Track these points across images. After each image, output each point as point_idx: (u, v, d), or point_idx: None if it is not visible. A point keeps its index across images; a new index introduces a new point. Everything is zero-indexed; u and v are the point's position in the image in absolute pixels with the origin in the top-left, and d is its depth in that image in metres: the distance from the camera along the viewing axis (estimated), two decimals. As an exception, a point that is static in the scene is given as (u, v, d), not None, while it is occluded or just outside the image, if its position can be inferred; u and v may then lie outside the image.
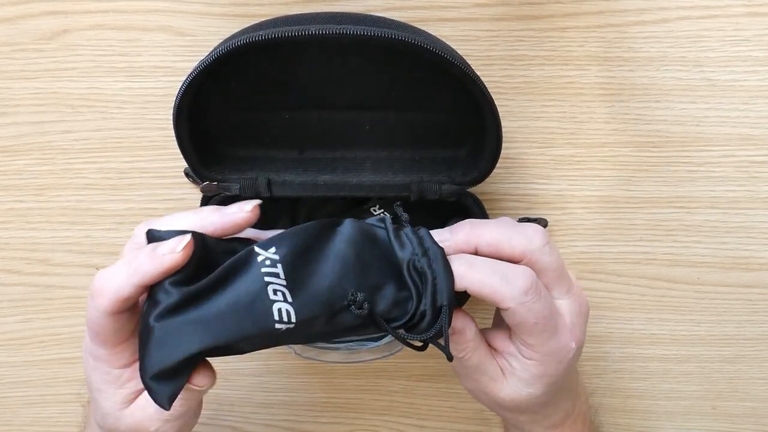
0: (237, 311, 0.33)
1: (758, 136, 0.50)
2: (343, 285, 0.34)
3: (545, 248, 0.36)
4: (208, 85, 0.41)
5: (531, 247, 0.36)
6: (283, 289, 0.33)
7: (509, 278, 0.35)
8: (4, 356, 0.58)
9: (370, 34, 0.37)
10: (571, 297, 0.38)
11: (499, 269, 0.35)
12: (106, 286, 0.34)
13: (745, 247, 0.52)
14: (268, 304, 0.33)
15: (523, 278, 0.35)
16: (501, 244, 0.36)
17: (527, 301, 0.35)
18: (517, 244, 0.36)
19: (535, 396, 0.39)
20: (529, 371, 0.38)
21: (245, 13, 0.48)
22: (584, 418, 0.44)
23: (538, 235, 0.37)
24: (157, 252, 0.34)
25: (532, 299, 0.35)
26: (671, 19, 0.47)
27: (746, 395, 0.57)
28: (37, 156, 0.52)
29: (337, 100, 0.45)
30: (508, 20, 0.48)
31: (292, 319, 0.33)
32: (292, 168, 0.47)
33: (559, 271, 0.37)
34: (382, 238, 0.37)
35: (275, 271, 0.34)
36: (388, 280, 0.35)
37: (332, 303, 0.34)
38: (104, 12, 0.48)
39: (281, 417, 0.60)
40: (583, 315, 0.39)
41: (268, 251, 0.34)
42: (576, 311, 0.38)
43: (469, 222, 0.38)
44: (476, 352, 0.38)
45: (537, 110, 0.50)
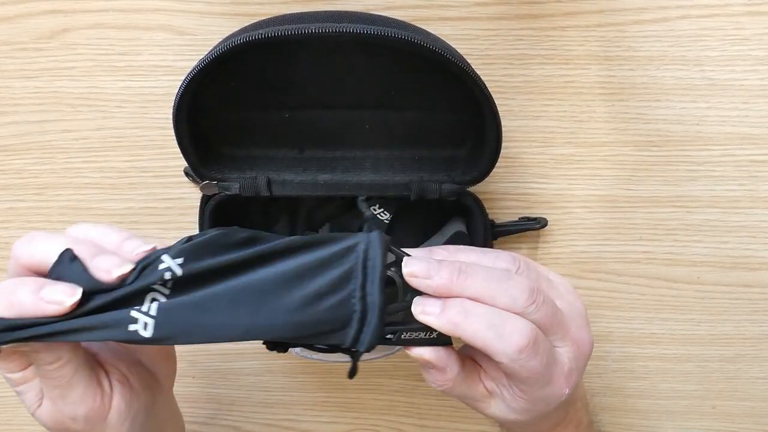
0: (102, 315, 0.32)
1: (758, 136, 0.50)
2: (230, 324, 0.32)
3: (530, 308, 0.34)
4: (207, 84, 0.41)
5: (515, 308, 0.34)
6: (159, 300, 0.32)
7: (505, 335, 0.33)
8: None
9: (370, 33, 0.37)
10: (568, 342, 0.37)
11: (496, 323, 0.34)
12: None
13: (745, 247, 0.52)
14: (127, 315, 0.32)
15: (519, 336, 0.33)
16: (485, 301, 0.34)
17: (520, 359, 0.34)
18: (501, 304, 0.34)
19: (521, 421, 0.38)
20: (517, 404, 0.37)
21: (245, 12, 0.48)
22: (577, 423, 0.44)
23: (524, 295, 0.34)
24: (41, 296, 0.31)
25: (527, 357, 0.34)
26: (671, 18, 0.47)
27: (746, 395, 0.57)
28: (36, 155, 0.52)
29: (336, 99, 0.45)
30: (508, 19, 0.48)
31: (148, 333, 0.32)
32: (292, 167, 0.47)
33: (550, 324, 0.35)
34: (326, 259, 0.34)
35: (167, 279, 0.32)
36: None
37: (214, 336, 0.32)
38: (104, 11, 0.48)
39: (281, 416, 0.60)
40: (583, 357, 0.38)
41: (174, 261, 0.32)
42: (574, 356, 0.37)
43: (458, 267, 0.35)
44: (459, 386, 0.37)
45: (537, 109, 0.50)
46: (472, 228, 0.48)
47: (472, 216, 0.48)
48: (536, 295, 0.34)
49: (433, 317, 0.34)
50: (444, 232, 0.50)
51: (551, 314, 0.35)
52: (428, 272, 0.35)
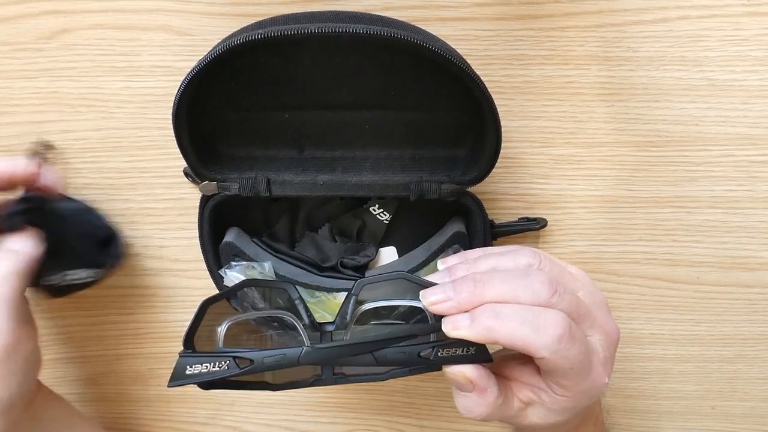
0: None
1: (758, 136, 0.50)
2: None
3: (554, 299, 0.34)
4: (207, 84, 0.41)
5: (539, 299, 0.34)
6: None
7: (540, 327, 0.33)
8: (4, 356, 0.58)
9: (369, 33, 0.37)
10: (598, 330, 0.36)
11: (529, 318, 0.33)
12: None
13: (745, 247, 0.52)
14: None
15: (554, 326, 0.33)
16: (508, 302, 0.34)
17: (561, 349, 0.33)
18: (525, 300, 0.34)
19: (561, 422, 0.38)
20: (559, 405, 0.37)
21: (244, 12, 0.48)
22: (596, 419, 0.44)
23: (545, 287, 0.34)
24: None
25: (567, 346, 0.33)
26: (671, 19, 0.47)
27: (746, 395, 0.57)
28: (36, 155, 0.52)
29: (336, 100, 0.45)
30: (508, 20, 0.48)
31: None
32: (292, 167, 0.47)
33: (576, 313, 0.35)
34: None
35: None
36: None
37: None
38: (104, 11, 0.48)
39: (281, 417, 0.60)
40: (613, 344, 0.38)
41: None
42: (606, 344, 0.37)
43: (472, 279, 0.35)
44: (496, 410, 0.37)
45: (536, 110, 0.50)
46: (472, 228, 0.48)
47: (472, 216, 0.48)
48: (557, 286, 0.34)
49: (464, 330, 0.34)
50: (444, 232, 0.50)
51: (575, 304, 0.35)
52: (446, 295, 0.35)
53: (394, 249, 0.53)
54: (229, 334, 0.36)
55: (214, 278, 0.49)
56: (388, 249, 0.53)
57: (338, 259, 0.51)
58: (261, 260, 0.48)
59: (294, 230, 0.52)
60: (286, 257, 0.50)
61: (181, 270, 0.55)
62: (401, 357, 0.36)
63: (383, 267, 0.52)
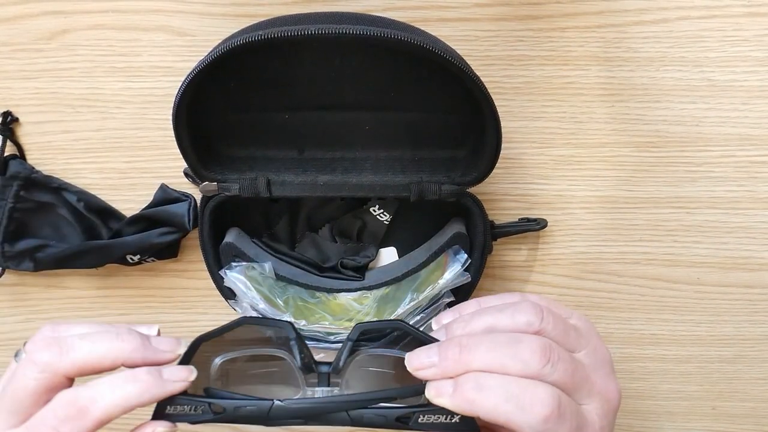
0: None
1: (758, 136, 0.50)
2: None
3: (546, 369, 0.32)
4: (207, 85, 0.41)
5: (529, 372, 0.31)
6: None
7: (526, 406, 0.31)
8: (4, 356, 0.58)
9: (369, 34, 0.37)
10: (595, 398, 0.34)
11: (515, 393, 0.31)
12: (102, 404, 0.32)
13: (745, 247, 0.52)
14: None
15: (542, 405, 0.31)
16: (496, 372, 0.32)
17: (548, 429, 0.31)
18: (514, 371, 0.32)
19: None
20: None
21: (245, 13, 0.48)
22: None
23: (537, 356, 0.31)
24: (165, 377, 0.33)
25: (554, 425, 0.31)
26: (671, 20, 0.47)
27: (746, 395, 0.57)
28: (37, 156, 0.52)
29: (336, 100, 0.45)
30: (508, 20, 0.48)
31: None
32: (292, 168, 0.47)
33: (572, 382, 0.32)
34: None
35: None
36: None
37: None
38: (104, 12, 0.48)
39: (281, 417, 0.60)
40: (613, 411, 0.35)
41: None
42: (604, 412, 0.34)
43: (458, 344, 0.33)
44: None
45: (537, 110, 0.50)
46: (472, 229, 0.48)
47: (472, 217, 0.48)
48: (550, 353, 0.32)
49: (446, 398, 0.32)
50: (444, 233, 0.50)
51: (571, 371, 0.32)
52: (430, 361, 0.33)
53: (394, 249, 0.53)
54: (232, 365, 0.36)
55: (214, 278, 0.49)
56: (388, 249, 0.53)
57: (338, 259, 0.51)
58: (261, 261, 0.48)
59: (294, 231, 0.52)
60: (287, 258, 0.50)
61: (181, 270, 0.55)
62: (378, 420, 0.33)
63: (383, 268, 0.52)
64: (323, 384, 0.35)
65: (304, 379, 0.35)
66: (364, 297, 0.50)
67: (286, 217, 0.51)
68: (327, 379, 0.35)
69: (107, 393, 0.32)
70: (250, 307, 0.48)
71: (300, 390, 0.35)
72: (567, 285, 0.54)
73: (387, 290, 0.50)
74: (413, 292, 0.49)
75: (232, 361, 0.36)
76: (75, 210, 0.52)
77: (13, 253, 0.52)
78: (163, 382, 0.32)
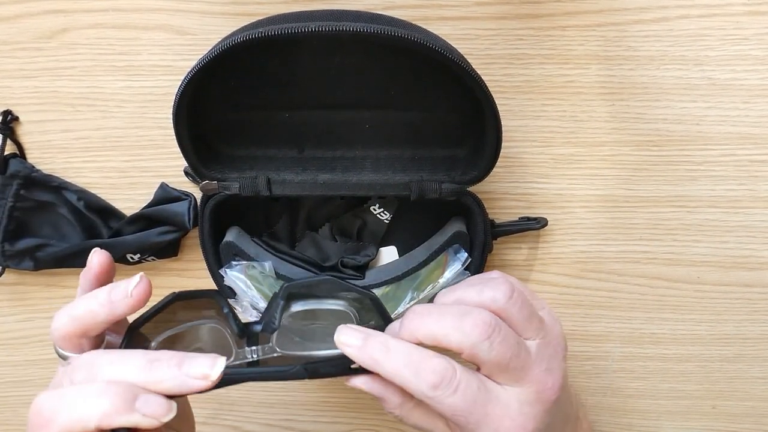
0: None
1: (758, 135, 0.50)
2: None
3: (483, 344, 0.33)
4: (207, 83, 0.41)
5: (466, 342, 0.33)
6: None
7: (420, 372, 0.33)
8: (4, 356, 0.58)
9: (369, 31, 0.37)
10: (525, 384, 0.35)
11: (414, 360, 0.33)
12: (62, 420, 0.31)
13: (745, 247, 0.52)
14: None
15: (433, 373, 0.33)
16: (438, 340, 0.34)
17: (437, 396, 0.33)
18: (454, 341, 0.34)
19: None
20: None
21: (245, 11, 0.48)
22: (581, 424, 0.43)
23: (477, 329, 0.33)
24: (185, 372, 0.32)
25: (443, 394, 0.33)
26: (671, 18, 0.47)
27: (746, 395, 0.57)
28: (36, 155, 0.52)
29: (336, 99, 0.45)
30: (509, 19, 0.48)
31: None
32: (292, 167, 0.47)
33: (503, 365, 0.34)
34: None
35: None
36: None
37: None
38: (104, 11, 0.48)
39: (281, 416, 0.60)
40: (543, 402, 0.35)
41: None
42: (528, 399, 0.35)
43: (416, 312, 0.35)
44: (411, 416, 0.37)
45: (537, 109, 0.50)
46: (472, 228, 0.48)
47: (472, 216, 0.48)
48: (492, 331, 0.34)
49: (354, 349, 0.34)
50: (444, 232, 0.50)
51: (509, 355, 0.34)
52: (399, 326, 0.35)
53: (394, 248, 0.53)
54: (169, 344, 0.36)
55: (214, 278, 0.49)
56: (388, 248, 0.53)
57: (339, 258, 0.51)
58: (261, 260, 0.48)
59: (294, 230, 0.52)
60: (287, 257, 0.50)
61: (181, 269, 0.55)
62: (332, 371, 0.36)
63: (384, 267, 0.52)
64: (255, 343, 0.36)
65: (238, 342, 0.36)
66: (365, 296, 0.50)
67: (286, 216, 0.51)
68: (257, 339, 0.37)
69: (71, 409, 0.31)
70: (251, 306, 0.48)
71: (232, 354, 0.36)
72: (567, 284, 0.54)
73: (387, 289, 0.50)
74: (413, 291, 0.49)
75: (168, 339, 0.36)
76: (75, 209, 0.52)
77: (13, 252, 0.52)
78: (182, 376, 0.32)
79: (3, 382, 0.59)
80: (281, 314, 0.36)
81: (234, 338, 0.36)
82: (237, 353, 0.36)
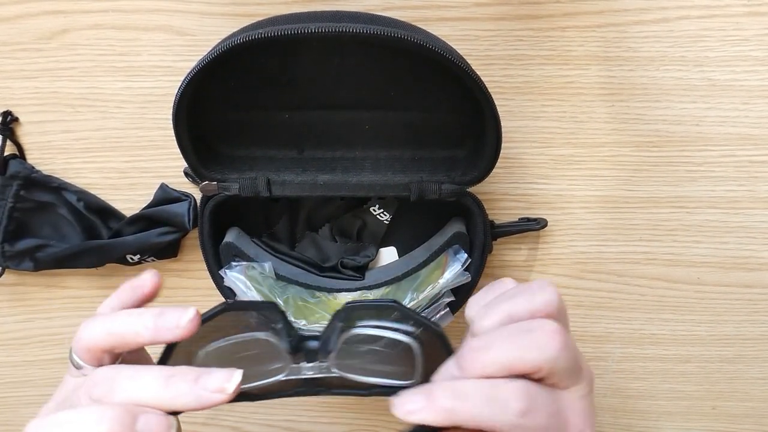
0: None
1: (758, 136, 0.50)
2: None
3: (561, 354, 0.31)
4: (207, 84, 0.41)
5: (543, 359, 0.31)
6: None
7: (502, 402, 0.30)
8: (4, 356, 0.58)
9: (370, 33, 0.37)
10: (581, 382, 0.34)
11: (491, 393, 0.30)
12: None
13: (745, 247, 0.52)
14: None
15: (517, 400, 0.30)
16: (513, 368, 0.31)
17: (524, 423, 0.30)
18: (530, 361, 0.31)
19: None
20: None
21: (245, 12, 0.48)
22: None
23: (552, 341, 0.31)
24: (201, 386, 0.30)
25: (531, 419, 0.31)
26: (671, 19, 0.47)
27: (746, 395, 0.57)
28: (36, 156, 0.52)
29: (336, 100, 0.45)
30: (508, 20, 0.48)
31: None
32: (292, 168, 0.47)
33: (574, 369, 0.33)
34: None
35: None
36: None
37: None
38: (104, 11, 0.48)
39: (281, 417, 0.60)
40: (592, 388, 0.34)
41: None
42: (585, 392, 0.34)
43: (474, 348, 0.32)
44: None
45: (537, 110, 0.50)
46: (472, 228, 0.48)
47: (472, 216, 0.48)
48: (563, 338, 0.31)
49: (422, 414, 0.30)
50: (444, 232, 0.50)
51: (575, 356, 0.32)
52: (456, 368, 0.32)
53: (394, 249, 0.53)
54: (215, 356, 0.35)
55: (214, 278, 0.49)
56: (388, 249, 0.53)
57: (338, 259, 0.51)
58: (261, 260, 0.48)
59: (294, 230, 0.52)
60: (287, 257, 0.50)
61: (181, 270, 0.55)
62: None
63: (383, 267, 0.52)
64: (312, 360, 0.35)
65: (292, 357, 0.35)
66: (364, 296, 0.50)
67: (286, 216, 0.51)
68: (315, 355, 0.35)
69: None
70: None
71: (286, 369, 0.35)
72: (567, 285, 0.54)
73: (387, 290, 0.50)
74: (413, 292, 0.49)
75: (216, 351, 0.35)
76: (75, 210, 0.52)
77: (13, 252, 0.52)
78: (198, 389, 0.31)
79: (3, 383, 0.59)
80: (340, 334, 0.34)
81: (288, 354, 0.34)
82: (291, 369, 0.35)
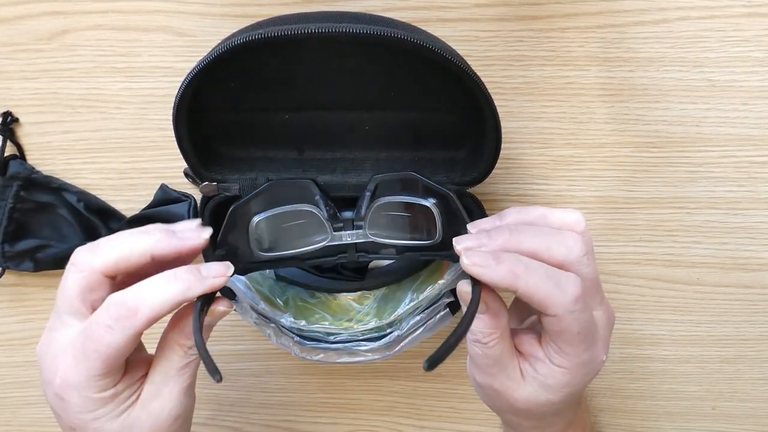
0: None
1: (758, 137, 0.50)
2: None
3: (584, 259, 0.34)
4: (207, 85, 0.41)
5: (570, 257, 0.34)
6: None
7: (561, 284, 0.33)
8: (4, 356, 0.58)
9: (370, 33, 0.37)
10: (603, 308, 0.37)
11: (553, 274, 0.33)
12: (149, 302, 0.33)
13: (745, 248, 0.52)
14: None
15: (574, 286, 0.33)
16: (540, 254, 0.34)
17: (576, 310, 0.33)
18: (557, 254, 0.34)
19: (552, 403, 0.37)
20: (555, 378, 0.36)
21: (245, 13, 0.48)
22: (584, 425, 0.44)
23: (578, 245, 0.35)
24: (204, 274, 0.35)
25: (581, 309, 0.34)
26: (671, 20, 0.47)
27: (746, 396, 0.57)
28: (36, 156, 0.52)
29: (336, 100, 0.45)
30: (508, 21, 0.48)
31: None
32: (292, 168, 0.47)
33: (596, 282, 0.36)
34: None
35: None
36: None
37: None
38: (104, 12, 0.48)
39: (281, 417, 0.60)
40: (611, 326, 0.38)
41: None
42: (606, 323, 0.37)
43: (508, 228, 0.35)
44: (502, 343, 0.36)
45: (536, 110, 0.50)
46: (472, 229, 0.48)
47: (472, 217, 0.47)
48: (587, 247, 0.35)
49: (488, 270, 0.33)
50: (444, 233, 0.50)
51: (596, 273, 0.36)
52: (480, 242, 0.35)
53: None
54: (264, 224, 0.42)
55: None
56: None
57: (338, 259, 0.51)
58: (261, 261, 0.48)
59: (294, 231, 0.52)
60: (287, 258, 0.50)
61: (182, 271, 0.55)
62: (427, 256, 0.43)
63: (383, 268, 0.52)
64: (348, 228, 0.43)
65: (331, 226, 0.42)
66: (364, 297, 0.50)
67: (286, 217, 0.51)
68: (351, 223, 0.43)
69: (153, 293, 0.33)
70: (250, 307, 0.48)
71: (329, 236, 0.42)
72: (567, 285, 0.54)
73: (387, 290, 0.50)
74: (413, 293, 0.49)
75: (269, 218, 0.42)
76: (75, 210, 0.52)
77: (13, 253, 0.52)
78: (203, 278, 0.34)
79: (3, 383, 0.59)
80: (370, 203, 0.42)
81: (327, 221, 0.42)
82: (333, 236, 0.42)
